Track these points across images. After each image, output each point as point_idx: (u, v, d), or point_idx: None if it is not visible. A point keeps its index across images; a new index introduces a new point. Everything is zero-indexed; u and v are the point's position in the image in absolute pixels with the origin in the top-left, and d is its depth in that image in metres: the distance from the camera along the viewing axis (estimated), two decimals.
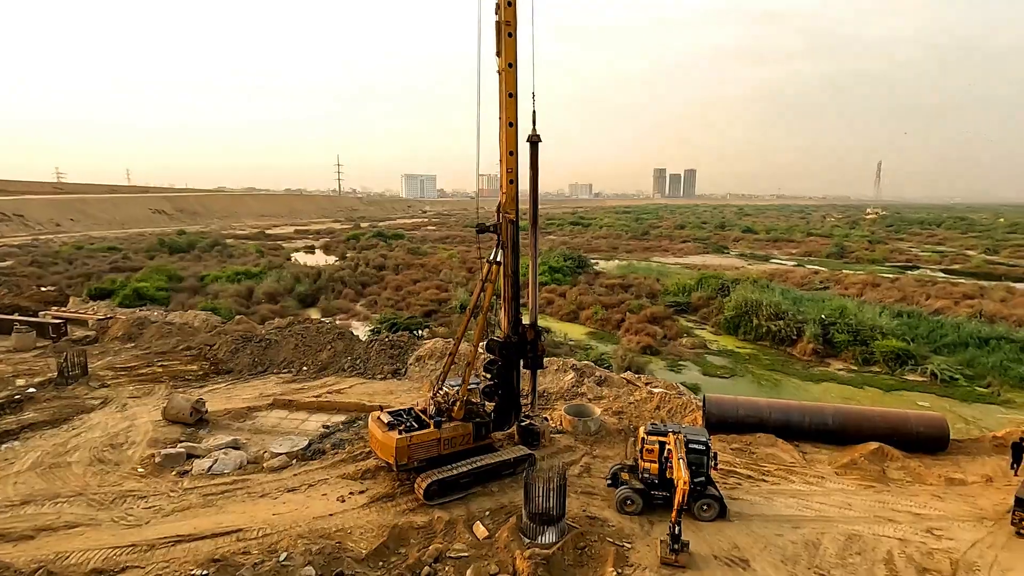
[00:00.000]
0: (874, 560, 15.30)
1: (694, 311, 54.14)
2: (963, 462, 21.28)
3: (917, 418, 22.77)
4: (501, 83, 18.65)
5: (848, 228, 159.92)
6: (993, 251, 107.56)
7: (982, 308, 50.86)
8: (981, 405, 31.24)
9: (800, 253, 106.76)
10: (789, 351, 41.38)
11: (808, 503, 18.27)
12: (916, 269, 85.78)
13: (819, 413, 23.40)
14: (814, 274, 74.66)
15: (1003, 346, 38.26)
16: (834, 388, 34.18)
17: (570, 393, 28.16)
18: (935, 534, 16.52)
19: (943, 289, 61.71)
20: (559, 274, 68.38)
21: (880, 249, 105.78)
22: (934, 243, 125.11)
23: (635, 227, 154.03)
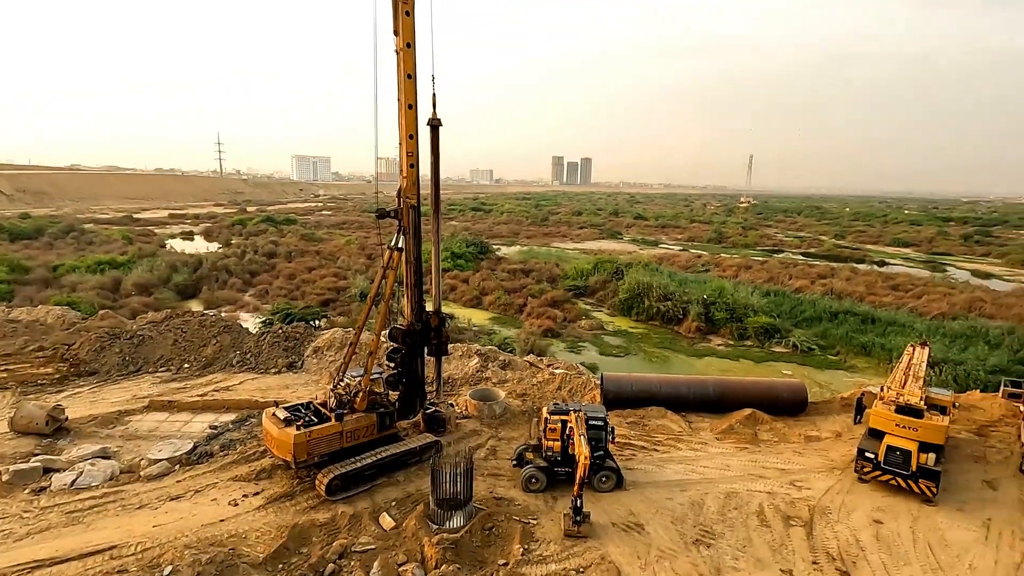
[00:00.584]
0: (748, 513, 17.12)
1: (592, 294, 56.63)
2: (818, 421, 24.32)
3: (782, 385, 25.68)
4: (399, 63, 18.08)
5: (725, 216, 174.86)
6: (841, 236, 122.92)
7: (832, 286, 58.11)
8: (832, 371, 35.84)
9: (685, 238, 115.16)
10: (676, 329, 44.69)
11: (694, 467, 19.98)
12: (781, 252, 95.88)
13: (702, 385, 25.58)
14: (697, 258, 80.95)
15: (848, 319, 44.08)
16: (715, 362, 37.49)
17: (475, 378, 28.40)
18: (797, 485, 18.80)
19: (802, 270, 69.61)
20: (462, 260, 68.31)
21: (752, 235, 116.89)
22: (795, 229, 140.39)
23: (535, 213, 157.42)
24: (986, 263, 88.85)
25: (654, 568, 14.47)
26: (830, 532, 16.27)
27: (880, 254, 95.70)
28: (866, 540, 15.90)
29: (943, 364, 32.78)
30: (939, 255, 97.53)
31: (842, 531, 16.31)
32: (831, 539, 15.95)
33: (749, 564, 14.83)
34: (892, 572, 14.60)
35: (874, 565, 14.85)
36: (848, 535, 16.12)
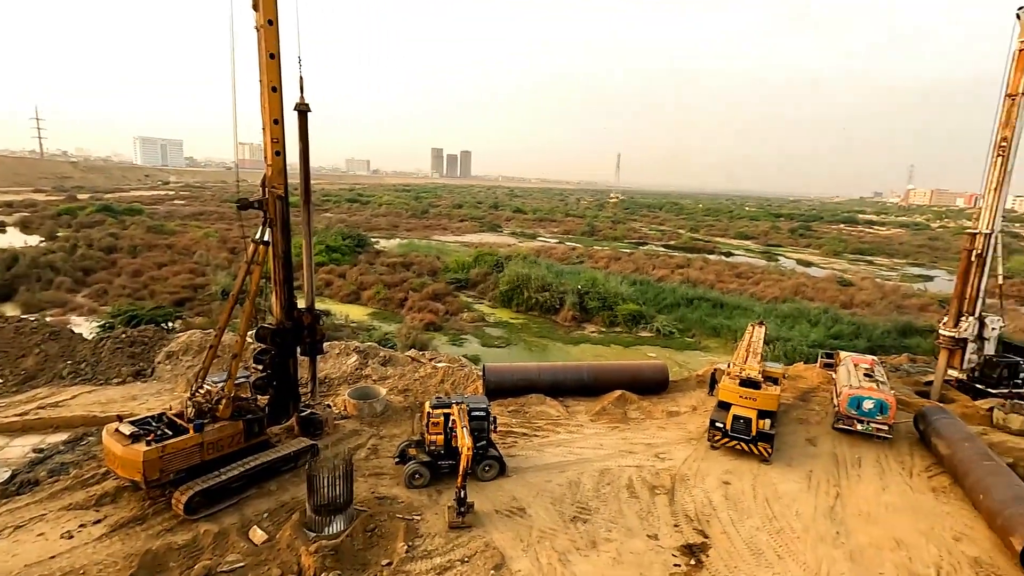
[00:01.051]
0: (619, 487, 18.46)
1: (473, 287, 57.14)
2: (678, 398, 26.85)
3: (647, 367, 28.00)
4: (260, 41, 16.73)
5: (597, 210, 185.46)
6: (695, 230, 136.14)
7: (688, 275, 64.31)
8: (689, 352, 39.73)
9: (561, 231, 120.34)
10: (554, 319, 46.68)
11: (571, 449, 21.08)
12: (646, 245, 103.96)
13: (577, 371, 27.05)
14: (572, 250, 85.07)
15: (702, 305, 49.11)
16: (589, 348, 39.77)
17: (354, 376, 27.38)
18: (661, 457, 20.63)
19: (664, 261, 76.12)
20: (337, 253, 65.30)
21: (620, 228, 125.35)
22: (657, 223, 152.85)
23: (415, 205, 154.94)
24: (808, 253, 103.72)
25: (536, 549, 15.08)
26: (688, 497, 18.09)
27: (727, 246, 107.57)
28: (717, 500, 17.91)
29: (776, 341, 37.81)
30: (773, 246, 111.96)
31: (698, 494, 18.21)
32: (689, 503, 17.74)
33: (621, 534, 16.01)
34: (738, 526, 16.62)
35: (724, 522, 16.79)
36: (703, 497, 18.05)
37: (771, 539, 16.05)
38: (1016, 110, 25.11)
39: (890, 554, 15.55)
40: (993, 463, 18.41)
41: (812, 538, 16.15)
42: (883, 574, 14.76)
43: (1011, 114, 25.25)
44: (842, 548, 15.74)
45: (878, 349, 37.43)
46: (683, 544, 15.66)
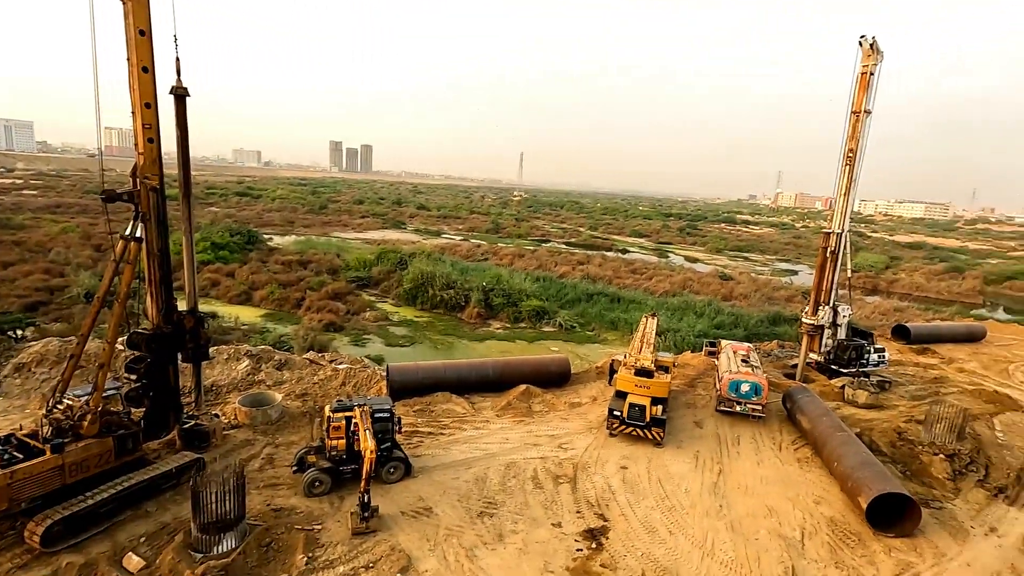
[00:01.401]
0: (525, 479, 18.89)
1: (375, 285, 55.56)
2: (580, 389, 27.93)
3: (550, 360, 28.85)
4: (128, 16, 15.07)
5: (501, 208, 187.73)
6: (595, 228, 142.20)
7: (588, 272, 67.05)
8: (589, 345, 41.47)
9: (465, 229, 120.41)
10: (459, 316, 46.64)
11: (478, 445, 21.22)
12: (548, 242, 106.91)
13: (483, 367, 27.26)
14: (477, 247, 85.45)
15: (601, 300, 51.44)
16: (495, 344, 40.20)
17: (245, 382, 25.60)
18: (564, 447, 21.36)
19: (565, 257, 78.73)
20: (225, 251, 60.62)
21: (524, 226, 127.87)
22: (559, 221, 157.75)
23: (312, 200, 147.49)
24: (694, 250, 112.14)
25: (443, 547, 15.02)
26: (589, 483, 18.91)
27: (623, 243, 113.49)
28: (616, 485, 18.89)
29: (667, 332, 40.55)
30: (664, 244, 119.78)
31: (599, 481, 19.09)
32: (590, 489, 18.55)
33: (527, 524, 16.39)
34: (635, 507, 17.64)
35: (622, 504, 17.75)
36: (603, 483, 18.95)
37: (664, 517, 17.22)
38: (860, 125, 28.83)
39: (764, 521, 17.29)
40: (845, 434, 21.05)
41: (699, 512, 17.55)
42: (758, 539, 16.37)
43: (856, 128, 28.95)
44: (724, 519, 17.25)
45: (753, 337, 41.36)
46: (585, 529, 16.35)
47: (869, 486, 17.35)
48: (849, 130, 29.12)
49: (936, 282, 77.73)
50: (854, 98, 28.73)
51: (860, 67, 28.34)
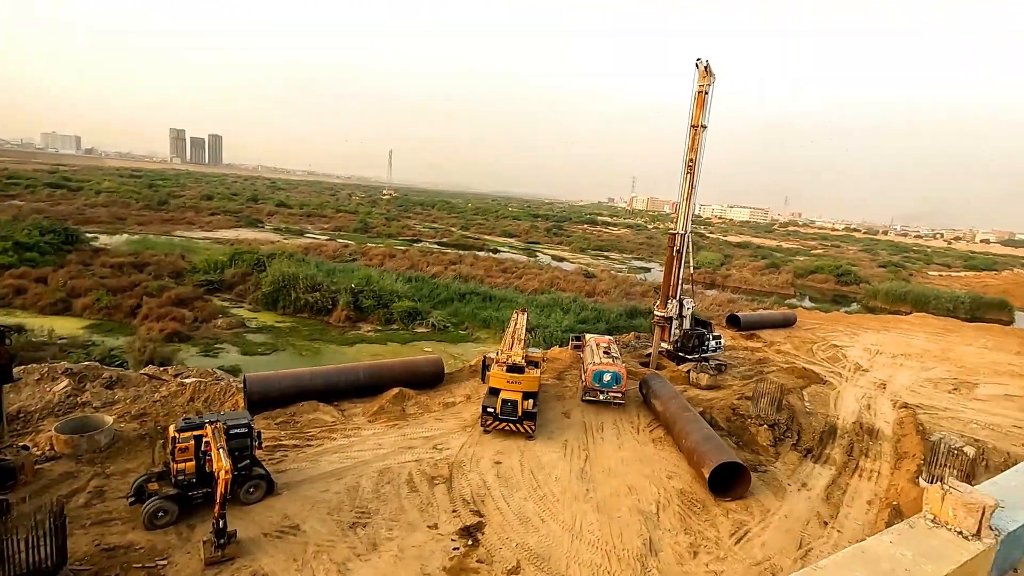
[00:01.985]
0: (400, 484, 18.49)
1: (229, 289, 50.67)
2: (454, 388, 28.00)
3: (424, 361, 28.53)
4: None
5: (370, 206, 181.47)
6: (466, 228, 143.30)
7: (461, 271, 67.40)
8: (463, 344, 41.71)
9: (331, 228, 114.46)
10: (326, 320, 44.24)
11: (349, 454, 20.33)
12: (420, 242, 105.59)
13: (353, 372, 26.18)
14: (344, 247, 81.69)
15: (473, 299, 51.98)
16: (366, 348, 38.77)
17: (65, 406, 21.94)
18: (438, 448, 21.27)
19: (437, 257, 78.34)
20: (34, 252, 51.39)
21: (394, 225, 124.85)
22: (430, 221, 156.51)
23: (149, 195, 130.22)
24: (560, 249, 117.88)
25: (312, 565, 14.18)
26: (465, 481, 19.05)
27: (494, 243, 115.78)
28: (491, 480, 19.25)
29: (536, 328, 42.16)
30: (533, 243, 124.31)
31: (474, 478, 19.30)
32: (466, 487, 18.69)
33: (402, 530, 16.06)
34: (508, 500, 18.12)
35: (497, 498, 18.13)
36: (478, 480, 19.20)
37: (536, 506, 17.91)
38: (698, 138, 32.37)
39: (625, 499, 18.74)
40: (691, 413, 23.55)
41: (568, 498, 18.52)
42: (620, 516, 17.70)
43: (695, 140, 32.46)
44: (591, 502, 18.40)
45: (614, 330, 44.56)
46: (461, 527, 16.45)
47: (710, 458, 19.61)
48: (689, 142, 32.58)
49: (759, 276, 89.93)
50: (693, 114, 32.20)
51: (697, 87, 31.82)
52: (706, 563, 15.87)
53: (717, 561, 15.98)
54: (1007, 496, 6.07)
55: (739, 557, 16.22)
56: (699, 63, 31.57)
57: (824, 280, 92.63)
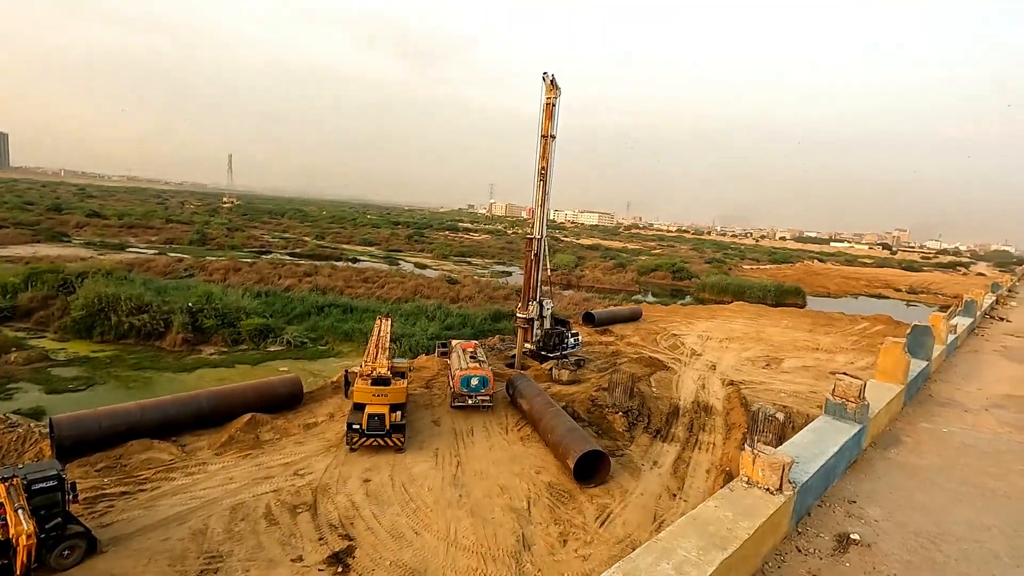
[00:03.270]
0: (256, 518, 16.92)
1: (26, 316, 42.40)
2: (315, 408, 26.35)
3: (279, 382, 26.44)
4: None
5: (208, 215, 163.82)
6: (321, 237, 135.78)
7: (317, 283, 63.71)
8: (323, 359, 39.39)
9: (161, 240, 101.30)
10: (159, 345, 39.00)
11: (193, 493, 18.13)
12: (269, 253, 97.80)
13: (194, 401, 23.41)
14: (178, 262, 72.75)
15: (333, 311, 49.37)
16: (209, 373, 34.85)
17: None
18: (300, 474, 19.85)
19: (290, 269, 73.17)
20: None
21: (238, 236, 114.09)
22: (281, 230, 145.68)
23: None
24: (423, 256, 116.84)
25: None
26: (331, 505, 18.01)
27: (353, 252, 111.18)
28: (360, 500, 18.43)
29: (401, 337, 41.28)
30: (394, 251, 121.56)
31: (341, 500, 18.33)
32: (333, 511, 17.68)
33: (261, 568, 14.72)
34: (380, 518, 17.49)
35: (367, 518, 17.40)
36: (346, 501, 18.27)
37: (409, 519, 17.52)
38: (548, 147, 34.21)
39: (498, 499, 19.10)
40: (555, 408, 24.74)
41: (442, 506, 18.39)
42: (494, 517, 18.01)
43: (546, 149, 34.25)
44: (464, 507, 18.46)
45: (479, 334, 45.26)
46: (330, 555, 15.52)
47: (573, 449, 20.78)
48: (540, 151, 34.30)
49: (609, 276, 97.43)
50: (542, 124, 33.96)
51: (544, 99, 33.63)
52: (575, 549, 16.76)
53: (585, 546, 16.96)
54: (800, 453, 7.31)
55: (604, 538, 17.38)
56: (546, 76, 33.39)
57: (663, 277, 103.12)
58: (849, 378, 9.34)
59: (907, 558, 6.88)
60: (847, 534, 7.13)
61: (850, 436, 8.73)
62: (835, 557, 6.62)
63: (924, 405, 13.78)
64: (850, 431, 8.88)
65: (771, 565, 5.99)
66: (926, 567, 6.74)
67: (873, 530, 7.43)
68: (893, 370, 12.13)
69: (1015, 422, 13.05)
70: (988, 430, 12.34)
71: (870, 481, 8.99)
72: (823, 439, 8.31)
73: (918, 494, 8.75)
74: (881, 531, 7.45)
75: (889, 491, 8.71)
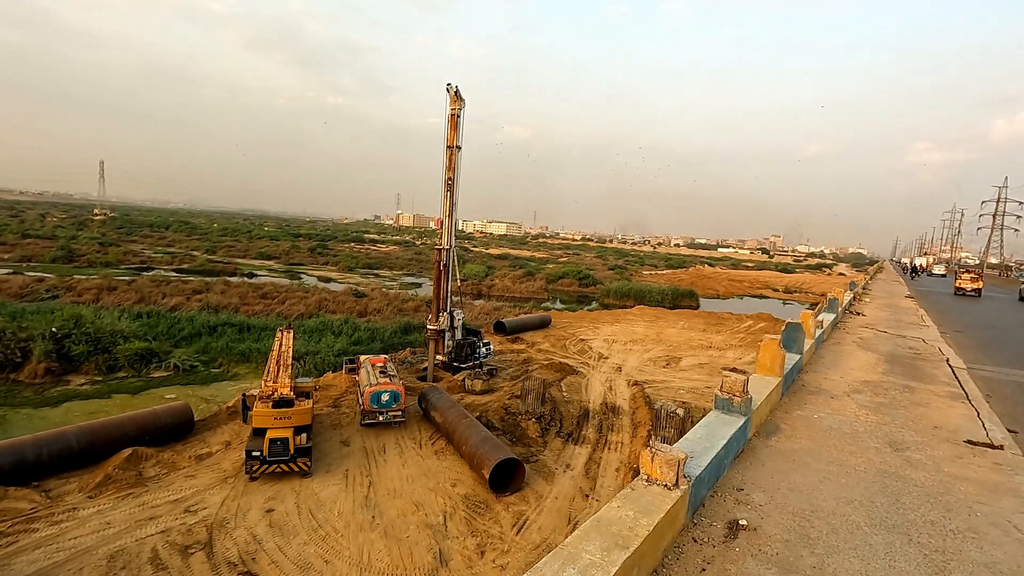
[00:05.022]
0: (140, 565, 15.28)
1: None
2: (208, 437, 24.32)
3: (164, 411, 24.12)
4: None
5: (76, 229, 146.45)
6: (212, 251, 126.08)
7: (209, 301, 59.01)
8: (217, 383, 36.48)
9: (16, 258, 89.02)
10: (14, 377, 34.13)
11: (61, 544, 16.02)
12: (151, 270, 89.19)
13: (61, 439, 20.74)
14: (39, 282, 64.26)
15: (227, 331, 45.93)
16: (78, 406, 31.04)
17: None
18: (192, 511, 18.20)
19: (177, 287, 67.16)
20: None
21: (113, 251, 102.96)
22: (164, 244, 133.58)
23: None
24: (327, 269, 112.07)
25: None
26: (230, 541, 16.68)
27: (249, 266, 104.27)
28: (262, 532, 17.23)
29: (305, 355, 39.28)
30: (295, 265, 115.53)
31: (240, 535, 17.03)
32: (231, 547, 16.38)
33: None
34: (286, 549, 16.46)
35: (271, 551, 16.31)
36: (246, 535, 17.00)
37: (319, 548, 16.64)
38: (454, 157, 34.30)
39: (412, 517, 18.67)
40: (468, 419, 24.67)
41: (353, 530, 17.66)
42: (409, 536, 17.58)
43: (452, 160, 34.31)
44: (378, 529, 17.86)
45: (390, 348, 44.15)
46: None
47: (488, 459, 20.83)
48: (447, 161, 34.31)
49: (519, 284, 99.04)
50: (448, 135, 34.01)
51: (449, 110, 33.74)
52: (493, 559, 16.76)
53: (502, 555, 17.01)
54: (693, 448, 7.87)
55: (521, 545, 17.54)
56: (449, 88, 33.52)
57: (570, 284, 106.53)
58: (735, 374, 10.19)
59: (786, 537, 7.61)
60: (736, 520, 7.75)
61: (737, 428, 9.53)
62: (726, 544, 7.17)
63: (798, 394, 15.35)
64: (736, 423, 9.69)
65: (670, 558, 6.38)
66: (802, 543, 7.49)
67: (758, 514, 8.15)
68: (771, 364, 13.40)
69: (869, 404, 14.89)
70: (849, 413, 13.97)
71: (754, 468, 9.84)
72: (714, 433, 9.01)
73: (794, 476, 9.71)
74: (764, 514, 8.18)
75: (771, 476, 9.59)
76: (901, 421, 13.55)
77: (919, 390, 16.89)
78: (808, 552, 7.26)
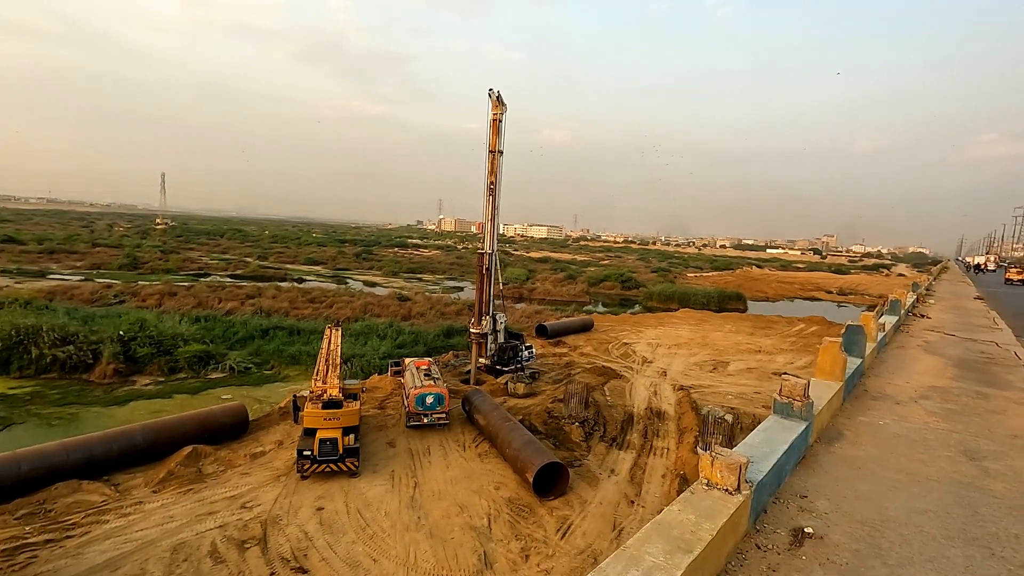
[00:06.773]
0: (200, 558, 15.90)
1: None
2: (261, 436, 25.17)
3: (221, 411, 25.13)
4: None
5: (140, 238, 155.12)
6: (264, 257, 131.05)
7: (261, 305, 61.31)
8: (269, 385, 37.78)
9: (86, 266, 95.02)
10: (86, 378, 36.33)
11: (128, 536, 16.87)
12: (208, 276, 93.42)
13: (126, 436, 21.90)
14: (107, 288, 68.35)
15: (278, 334, 47.56)
16: (143, 405, 32.74)
17: None
18: (247, 507, 18.84)
19: (231, 292, 70.08)
20: None
21: (173, 259, 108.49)
22: (220, 251, 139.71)
23: None
24: (372, 274, 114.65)
25: None
26: (283, 538, 17.16)
27: (298, 272, 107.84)
28: (312, 530, 17.66)
29: (352, 358, 40.20)
30: (341, 270, 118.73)
31: (293, 532, 17.50)
32: (284, 543, 16.85)
33: None
34: (335, 547, 16.81)
35: (321, 548, 16.68)
36: (298, 532, 17.46)
37: (366, 547, 16.91)
38: (496, 162, 34.46)
39: (457, 519, 18.75)
40: (511, 422, 24.63)
41: (399, 530, 17.87)
42: (454, 538, 17.64)
43: (494, 165, 34.49)
44: (423, 529, 18.01)
45: (432, 351, 44.67)
46: None
47: (532, 462, 20.71)
48: (488, 166, 34.51)
49: (560, 287, 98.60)
50: (489, 140, 34.22)
51: (491, 115, 33.95)
52: (537, 563, 16.62)
53: (547, 559, 16.85)
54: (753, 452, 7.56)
55: (565, 550, 17.33)
56: (491, 93, 33.73)
57: (612, 287, 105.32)
58: (794, 378, 9.77)
59: (855, 547, 7.19)
60: (801, 528, 7.39)
61: (798, 434, 9.11)
62: (792, 551, 6.84)
63: (860, 400, 14.58)
64: (797, 428, 9.27)
65: (734, 564, 6.13)
66: (872, 554, 7.07)
67: (824, 522, 7.74)
68: (832, 368, 12.79)
69: (938, 411, 14.00)
70: (917, 420, 13.17)
71: (817, 475, 9.38)
72: (773, 438, 8.64)
73: (860, 484, 9.20)
74: (830, 523, 7.77)
75: (835, 483, 9.12)
76: (975, 429, 12.68)
77: (994, 396, 15.78)
78: (880, 563, 6.84)
